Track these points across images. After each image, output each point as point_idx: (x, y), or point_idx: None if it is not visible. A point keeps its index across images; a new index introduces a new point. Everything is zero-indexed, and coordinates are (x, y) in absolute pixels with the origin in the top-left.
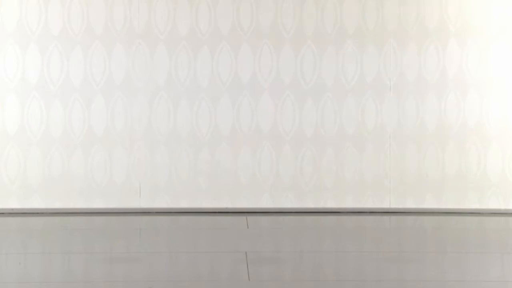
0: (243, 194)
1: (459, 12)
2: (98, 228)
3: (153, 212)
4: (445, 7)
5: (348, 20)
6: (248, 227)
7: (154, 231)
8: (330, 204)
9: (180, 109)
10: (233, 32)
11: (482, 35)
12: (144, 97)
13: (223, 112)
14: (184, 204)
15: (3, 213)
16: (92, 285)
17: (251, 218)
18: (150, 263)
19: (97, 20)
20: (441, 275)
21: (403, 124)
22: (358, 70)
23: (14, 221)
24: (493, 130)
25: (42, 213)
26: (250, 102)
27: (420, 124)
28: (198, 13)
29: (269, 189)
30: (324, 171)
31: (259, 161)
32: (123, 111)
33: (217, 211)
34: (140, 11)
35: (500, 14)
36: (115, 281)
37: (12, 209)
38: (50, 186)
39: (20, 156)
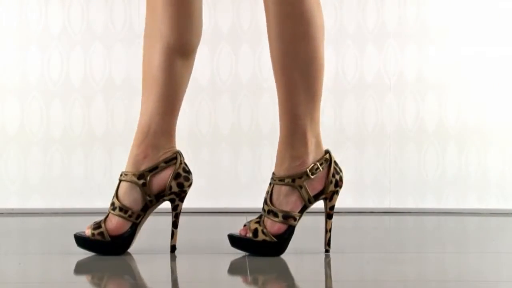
0: (243, 194)
1: None
2: None
3: (152, 212)
4: None
5: (347, 20)
6: None
7: (154, 231)
8: None
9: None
10: (233, 32)
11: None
12: None
13: (223, 112)
14: (183, 204)
15: (3, 213)
16: (92, 286)
17: (251, 218)
18: (150, 263)
19: (97, 20)
20: (441, 275)
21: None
22: (358, 70)
23: (14, 221)
24: (493, 130)
25: (42, 213)
26: (250, 102)
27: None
28: None
29: None
30: None
31: (259, 161)
32: (123, 111)
33: (217, 211)
34: (140, 11)
35: None
36: (115, 281)
37: (12, 209)
38: (50, 186)
39: (20, 156)
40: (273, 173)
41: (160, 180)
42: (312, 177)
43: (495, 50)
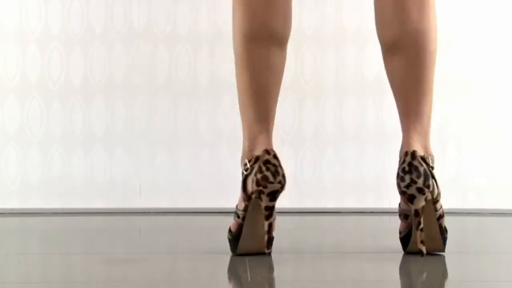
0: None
1: None
2: (98, 228)
3: (153, 212)
4: None
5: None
6: None
7: (154, 231)
8: (330, 204)
9: (180, 109)
10: None
11: None
12: (144, 97)
13: (223, 112)
14: (184, 204)
15: (3, 213)
16: (92, 286)
17: None
18: (150, 263)
19: (97, 20)
20: (441, 275)
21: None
22: (358, 70)
23: (14, 221)
24: (493, 130)
25: (42, 213)
26: None
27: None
28: (198, 13)
29: None
30: (324, 171)
31: None
32: (123, 111)
33: (217, 211)
34: (140, 11)
35: None
36: (115, 281)
37: (12, 209)
38: (50, 186)
39: (20, 156)
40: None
41: None
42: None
43: (495, 50)
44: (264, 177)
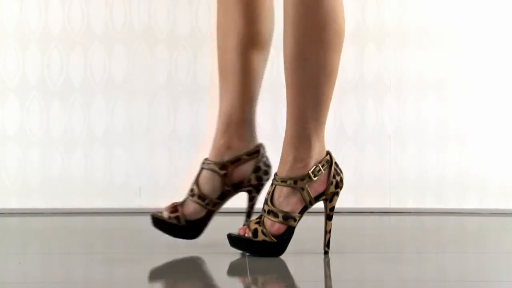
0: (243, 194)
1: None
2: (98, 228)
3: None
4: None
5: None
6: None
7: (154, 231)
8: None
9: (180, 109)
10: None
11: None
12: (144, 97)
13: None
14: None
15: (3, 213)
16: (92, 286)
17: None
18: (150, 263)
19: (97, 20)
20: (441, 275)
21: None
22: (358, 70)
23: (14, 221)
24: (493, 130)
25: (42, 213)
26: None
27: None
28: (198, 13)
29: None
30: None
31: None
32: (123, 111)
33: None
34: (140, 11)
35: None
36: (115, 281)
37: (12, 209)
38: (50, 186)
39: (20, 156)
40: (275, 174)
41: (241, 172)
42: (314, 179)
43: (495, 49)
44: (342, 178)
